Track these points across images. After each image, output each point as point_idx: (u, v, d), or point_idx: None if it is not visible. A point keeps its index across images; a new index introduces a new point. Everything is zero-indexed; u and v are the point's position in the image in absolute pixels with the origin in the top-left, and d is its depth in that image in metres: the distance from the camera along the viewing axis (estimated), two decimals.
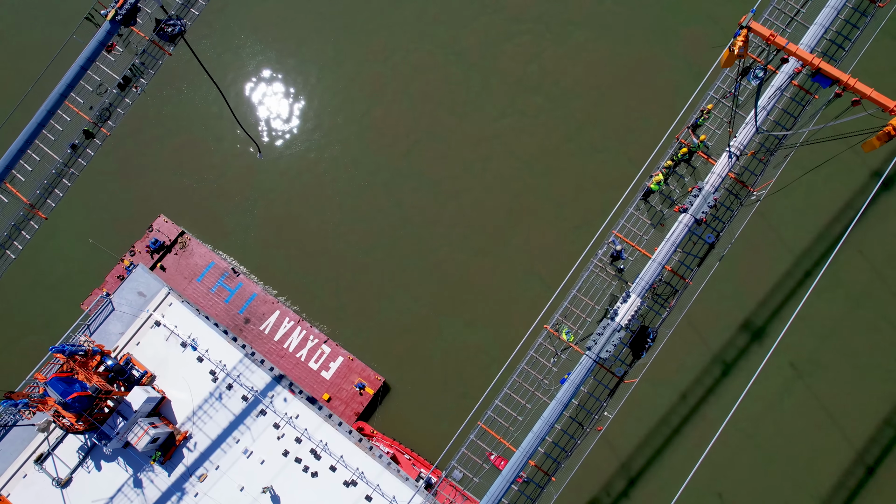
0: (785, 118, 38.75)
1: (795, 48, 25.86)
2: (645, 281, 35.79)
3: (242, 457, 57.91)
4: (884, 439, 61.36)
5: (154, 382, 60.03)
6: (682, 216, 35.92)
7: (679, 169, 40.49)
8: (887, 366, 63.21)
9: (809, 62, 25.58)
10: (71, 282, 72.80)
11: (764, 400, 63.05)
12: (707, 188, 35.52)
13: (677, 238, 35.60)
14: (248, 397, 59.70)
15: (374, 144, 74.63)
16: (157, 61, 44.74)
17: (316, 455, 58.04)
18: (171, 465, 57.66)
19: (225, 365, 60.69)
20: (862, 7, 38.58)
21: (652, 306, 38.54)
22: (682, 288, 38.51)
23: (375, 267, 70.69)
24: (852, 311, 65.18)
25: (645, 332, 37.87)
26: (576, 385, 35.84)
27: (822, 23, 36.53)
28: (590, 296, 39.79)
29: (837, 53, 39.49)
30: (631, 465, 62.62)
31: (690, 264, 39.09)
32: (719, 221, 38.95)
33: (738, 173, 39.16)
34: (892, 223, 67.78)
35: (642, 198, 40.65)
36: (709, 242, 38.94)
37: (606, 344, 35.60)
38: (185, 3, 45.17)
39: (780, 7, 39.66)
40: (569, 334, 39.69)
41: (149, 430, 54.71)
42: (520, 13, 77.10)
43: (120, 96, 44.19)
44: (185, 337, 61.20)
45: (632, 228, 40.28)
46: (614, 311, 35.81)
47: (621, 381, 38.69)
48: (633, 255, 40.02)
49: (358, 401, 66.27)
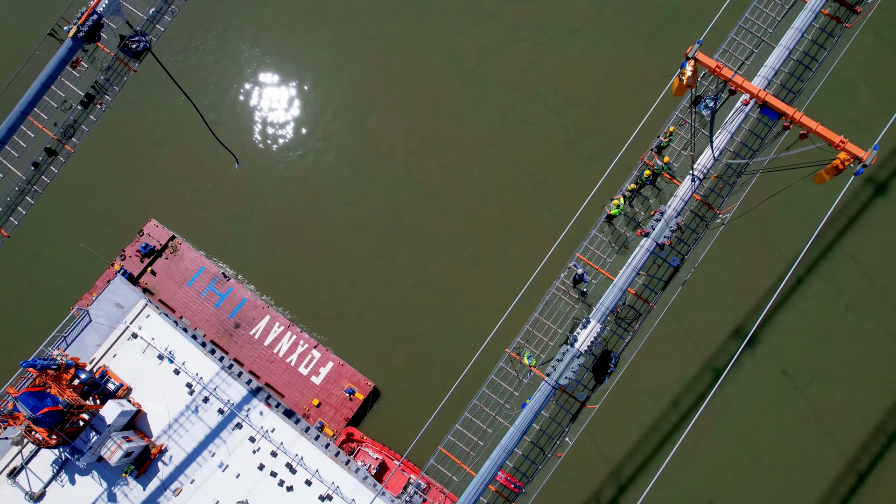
0: (751, 141, 38.18)
1: (741, 81, 25.30)
2: (605, 306, 35.24)
3: (218, 470, 57.76)
4: (875, 447, 60.98)
5: (130, 395, 59.87)
6: (644, 240, 35.35)
7: (645, 191, 39.94)
8: (879, 373, 62.78)
9: (755, 95, 25.01)
10: (63, 285, 72.43)
11: (756, 407, 62.80)
12: (669, 212, 34.94)
13: (639, 263, 35.05)
14: (225, 410, 59.49)
15: (372, 152, 74.20)
16: (122, 78, 44.27)
17: (291, 469, 57.87)
18: (146, 479, 57.54)
19: (202, 377, 60.52)
20: (829, 28, 37.95)
21: (615, 330, 38.02)
22: (645, 312, 37.97)
23: (372, 276, 70.29)
24: (845, 318, 64.78)
25: (607, 356, 37.36)
26: (534, 412, 35.37)
27: (786, 44, 35.86)
28: (552, 319, 39.30)
29: (805, 74, 38.88)
30: (621, 472, 62.58)
31: (655, 287, 38.55)
32: (684, 244, 38.40)
33: (704, 195, 38.61)
34: (885, 230, 67.23)
35: (606, 220, 40.15)
36: (673, 266, 38.41)
37: (565, 370, 35.08)
38: (150, 20, 44.63)
39: (748, 27, 39.05)
40: (530, 358, 39.25)
41: (122, 445, 54.55)
42: (519, 20, 76.49)
43: (84, 113, 43.76)
44: (162, 349, 61.02)
45: (595, 251, 39.78)
46: (573, 337, 35.30)
47: (583, 406, 38.21)
48: (597, 278, 39.52)
49: (348, 406, 66.11)
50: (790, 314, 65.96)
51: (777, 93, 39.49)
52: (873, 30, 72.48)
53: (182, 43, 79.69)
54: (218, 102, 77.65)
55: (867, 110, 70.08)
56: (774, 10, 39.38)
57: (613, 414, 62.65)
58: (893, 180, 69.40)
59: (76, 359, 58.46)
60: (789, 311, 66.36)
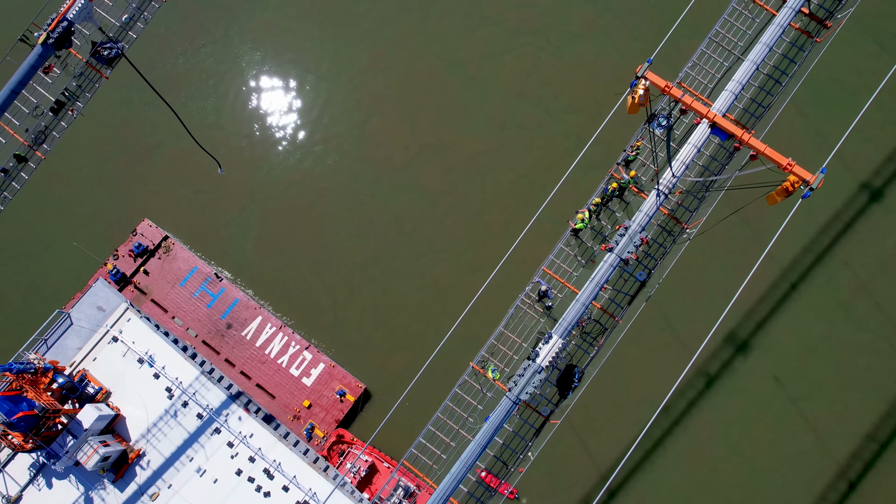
0: (721, 155, 37.86)
1: (691, 101, 25.04)
2: (567, 322, 34.98)
3: (195, 475, 57.76)
4: (866, 454, 60.90)
5: (109, 399, 59.88)
6: (608, 255, 35.09)
7: (612, 204, 39.67)
8: (872, 381, 62.69)
9: (704, 115, 24.72)
10: (58, 285, 72.56)
11: (747, 413, 62.79)
12: (633, 227, 34.67)
13: (602, 278, 34.76)
14: (204, 415, 59.47)
15: (372, 156, 74.10)
16: (94, 84, 44.20)
17: (269, 475, 57.85)
18: (123, 484, 57.58)
19: (181, 382, 60.49)
20: (799, 42, 37.57)
21: (580, 345, 37.77)
22: (611, 327, 37.70)
23: (371, 281, 70.13)
24: (838, 325, 64.68)
25: (571, 371, 37.11)
26: (495, 427, 35.14)
27: (753, 59, 35.50)
28: (517, 332, 39.09)
29: (775, 88, 38.52)
30: (612, 479, 62.03)
31: (621, 302, 38.28)
32: (651, 258, 38.11)
33: (672, 209, 38.31)
34: (879, 236, 67.13)
35: (572, 233, 39.90)
36: (640, 280, 38.11)
37: (526, 386, 34.85)
38: (123, 27, 44.54)
39: (719, 41, 38.72)
40: (495, 372, 39.03)
41: (98, 449, 54.50)
42: (520, 25, 76.19)
43: (55, 119, 43.72)
44: (142, 353, 60.98)
45: (561, 265, 39.52)
46: (535, 353, 35.06)
47: (546, 421, 38.00)
48: (563, 292, 39.27)
49: (338, 408, 66.23)
50: (783, 320, 65.78)
51: (747, 107, 39.17)
52: (874, 38, 72.31)
53: (183, 45, 79.78)
54: (218, 105, 77.70)
55: (869, 119, 69.86)
56: (745, 23, 39.01)
57: (605, 420, 62.91)
58: (888, 186, 69.18)
59: (55, 362, 58.48)
60: (782, 317, 66.12)
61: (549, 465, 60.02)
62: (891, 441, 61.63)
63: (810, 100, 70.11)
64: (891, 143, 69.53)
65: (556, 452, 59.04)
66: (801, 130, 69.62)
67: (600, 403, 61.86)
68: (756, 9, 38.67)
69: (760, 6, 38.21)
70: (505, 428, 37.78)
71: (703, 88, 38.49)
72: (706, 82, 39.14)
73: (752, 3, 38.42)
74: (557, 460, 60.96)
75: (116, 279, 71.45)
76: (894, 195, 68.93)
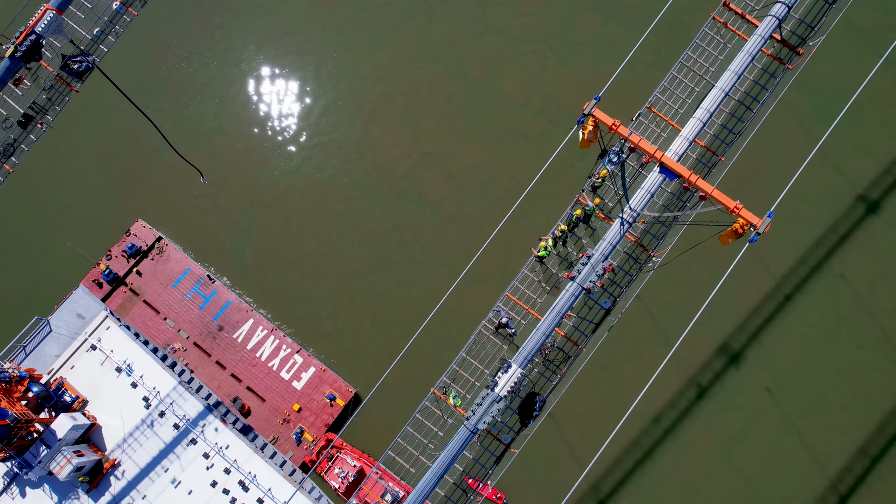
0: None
1: (638, 140, 24.47)
2: (527, 352, 34.48)
3: (170, 486, 57.73)
4: (857, 469, 60.15)
5: (86, 408, 59.79)
6: (570, 284, 34.56)
7: (579, 230, 39.12)
8: (864, 394, 61.92)
9: (652, 155, 24.16)
10: (53, 285, 72.40)
11: (739, 424, 62.12)
12: (596, 256, 34.11)
13: (563, 307, 34.23)
14: (180, 425, 59.37)
15: (373, 164, 73.36)
16: (64, 98, 43.89)
17: (244, 487, 57.70)
18: (97, 494, 57.55)
19: (159, 391, 60.42)
20: (771, 69, 36.90)
21: (543, 372, 37.26)
22: (574, 354, 37.18)
23: (371, 290, 69.65)
24: (832, 337, 63.84)
25: (533, 399, 36.61)
26: (452, 455, 34.72)
27: (722, 87, 34.88)
28: (480, 359, 38.59)
29: (746, 115, 37.86)
30: (601, 487, 61.92)
31: (585, 330, 37.75)
32: (617, 286, 37.54)
33: (639, 237, 37.72)
34: (875, 249, 66.18)
35: (537, 259, 39.37)
36: (605, 308, 37.57)
37: (484, 415, 34.38)
38: (94, 40, 44.20)
39: (690, 65, 38.09)
40: (456, 398, 38.58)
41: (71, 460, 54.47)
42: (524, 34, 75.28)
43: (25, 133, 43.47)
44: (120, 362, 60.90)
45: (525, 290, 38.95)
46: (494, 382, 34.59)
47: (507, 448, 37.51)
48: (527, 319, 38.71)
49: (328, 412, 65.90)
50: (776, 332, 65.14)
51: (718, 132, 38.56)
52: (877, 52, 71.64)
53: (187, 49, 79.43)
54: (220, 110, 77.27)
55: (874, 133, 69.18)
56: (717, 48, 38.37)
57: (595, 428, 62.54)
58: (885, 199, 68.38)
59: (32, 370, 58.49)
60: (776, 328, 65.60)
61: (533, 468, 60.01)
62: (882, 456, 60.86)
63: (814, 114, 69.70)
64: (891, 155, 69.00)
65: (543, 457, 59.09)
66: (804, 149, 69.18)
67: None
68: (728, 34, 37.99)
69: (733, 32, 37.51)
70: (465, 455, 37.32)
71: (674, 114, 37.83)
72: (676, 107, 38.49)
73: (724, 29, 37.71)
74: (540, 461, 60.75)
75: (109, 280, 71.27)
76: (891, 208, 68.09)
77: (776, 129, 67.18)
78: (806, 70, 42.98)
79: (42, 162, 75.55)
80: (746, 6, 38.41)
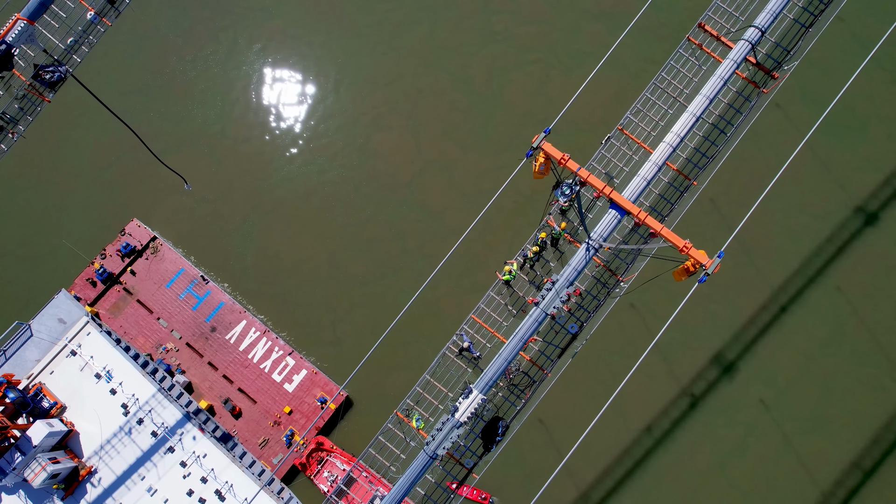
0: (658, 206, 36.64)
1: (587, 175, 23.93)
2: (488, 377, 33.98)
3: (146, 495, 57.53)
4: (851, 482, 59.80)
5: (64, 414, 59.60)
6: (534, 310, 34.03)
7: (547, 254, 38.56)
8: (858, 407, 61.65)
9: (601, 191, 23.62)
10: (50, 283, 72.39)
11: (732, 436, 61.98)
12: (560, 282, 33.55)
13: (526, 333, 33.72)
14: (158, 433, 59.12)
15: (376, 171, 72.94)
16: (36, 107, 43.65)
17: (220, 496, 57.40)
18: (73, 501, 57.40)
19: (138, 398, 60.15)
20: (746, 92, 36.23)
21: (507, 397, 36.76)
22: (539, 379, 36.64)
23: (372, 299, 69.30)
24: (827, 349, 63.56)
25: (496, 423, 36.11)
26: (411, 480, 34.29)
27: (693, 111, 34.23)
28: (444, 381, 38.12)
29: (720, 138, 37.21)
30: (591, 496, 61.71)
31: (551, 354, 37.20)
32: (584, 311, 36.96)
33: (608, 261, 37.13)
34: (873, 261, 65.77)
35: (504, 282, 38.86)
36: (571, 333, 37.02)
37: (444, 441, 33.92)
38: (68, 49, 43.92)
39: (664, 87, 37.44)
40: (419, 421, 38.11)
41: (46, 467, 54.26)
42: (530, 42, 74.59)
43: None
44: (99, 368, 60.68)
45: (492, 314, 38.45)
46: (454, 407, 34.11)
47: (470, 473, 37.06)
48: (493, 342, 38.20)
49: (319, 415, 65.71)
50: (771, 343, 64.75)
51: (690, 156, 37.89)
52: (880, 65, 71.02)
53: (192, 52, 79.18)
54: (223, 114, 76.99)
55: (880, 148, 68.68)
56: (692, 70, 37.72)
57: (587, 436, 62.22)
58: (884, 211, 67.83)
59: (10, 375, 58.35)
60: (771, 340, 65.18)
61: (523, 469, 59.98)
62: (876, 469, 60.42)
63: (822, 127, 69.09)
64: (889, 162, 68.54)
65: (526, 452, 58.76)
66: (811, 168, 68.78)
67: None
68: (703, 55, 37.33)
69: (708, 54, 36.85)
70: (427, 478, 36.87)
71: (647, 136, 37.19)
72: (649, 129, 37.85)
73: (699, 50, 37.07)
74: (524, 458, 60.61)
75: (103, 278, 71.31)
76: (890, 219, 67.46)
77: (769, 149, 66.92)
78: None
79: (42, 160, 75.94)
80: (722, 28, 37.69)
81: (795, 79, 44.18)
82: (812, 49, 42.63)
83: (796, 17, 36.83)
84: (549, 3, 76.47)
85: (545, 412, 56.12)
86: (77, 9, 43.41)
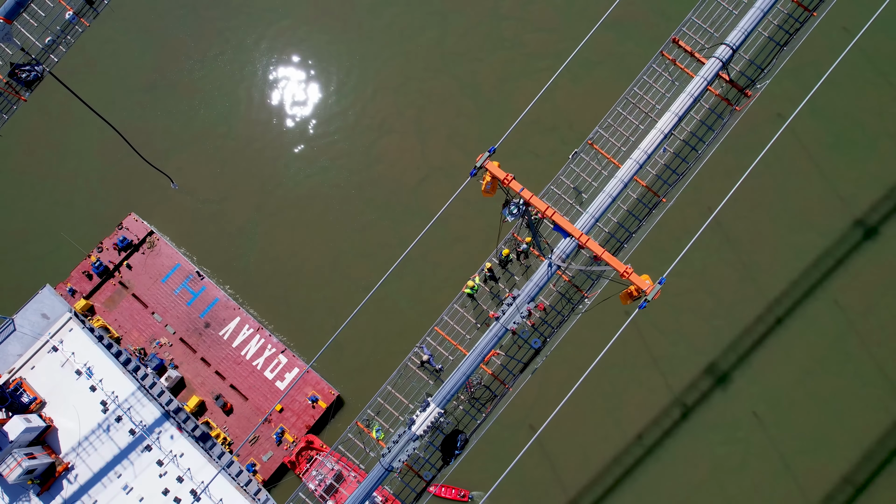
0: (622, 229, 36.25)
1: (530, 195, 23.65)
2: (446, 391, 33.70)
3: (122, 493, 57.68)
4: (842, 497, 59.35)
5: (43, 409, 59.79)
6: (494, 324, 33.71)
7: (512, 267, 38.25)
8: (851, 422, 61.24)
9: (544, 214, 23.31)
10: (47, 277, 72.68)
11: (725, 448, 61.72)
12: (521, 297, 33.23)
13: (486, 347, 33.39)
14: (136, 431, 59.26)
15: (382, 176, 72.53)
16: (11, 106, 43.69)
17: (196, 496, 57.40)
18: (48, 497, 57.53)
19: (117, 396, 60.28)
20: (718, 109, 35.79)
21: (469, 410, 36.47)
22: (500, 394, 36.34)
23: (374, 305, 69.07)
24: (822, 362, 63.21)
25: (455, 436, 35.84)
26: (366, 491, 34.08)
27: (661, 128, 33.80)
28: (405, 392, 37.89)
29: (691, 155, 36.78)
30: (580, 502, 61.34)
31: (513, 369, 36.88)
32: (548, 326, 36.61)
33: (573, 276, 36.75)
34: (871, 275, 65.27)
35: (468, 295, 38.58)
36: (535, 348, 36.69)
37: (400, 453, 33.68)
38: (46, 49, 43.92)
39: (636, 102, 37.03)
40: (379, 432, 37.92)
41: (22, 462, 54.43)
42: (538, 49, 73.92)
43: None
44: (80, 364, 60.83)
45: (455, 326, 38.16)
46: (411, 420, 33.86)
47: (429, 484, 36.80)
48: (455, 354, 37.95)
49: (310, 413, 65.99)
50: (766, 355, 64.30)
51: (660, 173, 37.49)
52: (888, 80, 70.45)
53: (201, 52, 79.09)
54: (229, 115, 76.88)
55: (889, 165, 68.07)
56: (665, 85, 37.30)
57: (577, 444, 62.00)
58: (883, 224, 67.23)
59: None
60: (765, 351, 64.77)
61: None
62: (867, 485, 59.89)
63: (831, 143, 68.72)
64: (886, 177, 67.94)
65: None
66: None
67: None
68: (677, 71, 36.90)
69: (681, 69, 36.41)
70: (385, 489, 36.64)
71: (616, 151, 36.82)
72: (619, 145, 37.46)
73: (672, 65, 36.63)
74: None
75: (99, 272, 71.52)
76: (889, 233, 66.85)
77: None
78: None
79: (42, 159, 76.27)
80: (696, 44, 37.24)
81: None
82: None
83: (771, 35, 36.30)
84: (558, 11, 75.89)
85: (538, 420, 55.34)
86: (55, 8, 43.34)
